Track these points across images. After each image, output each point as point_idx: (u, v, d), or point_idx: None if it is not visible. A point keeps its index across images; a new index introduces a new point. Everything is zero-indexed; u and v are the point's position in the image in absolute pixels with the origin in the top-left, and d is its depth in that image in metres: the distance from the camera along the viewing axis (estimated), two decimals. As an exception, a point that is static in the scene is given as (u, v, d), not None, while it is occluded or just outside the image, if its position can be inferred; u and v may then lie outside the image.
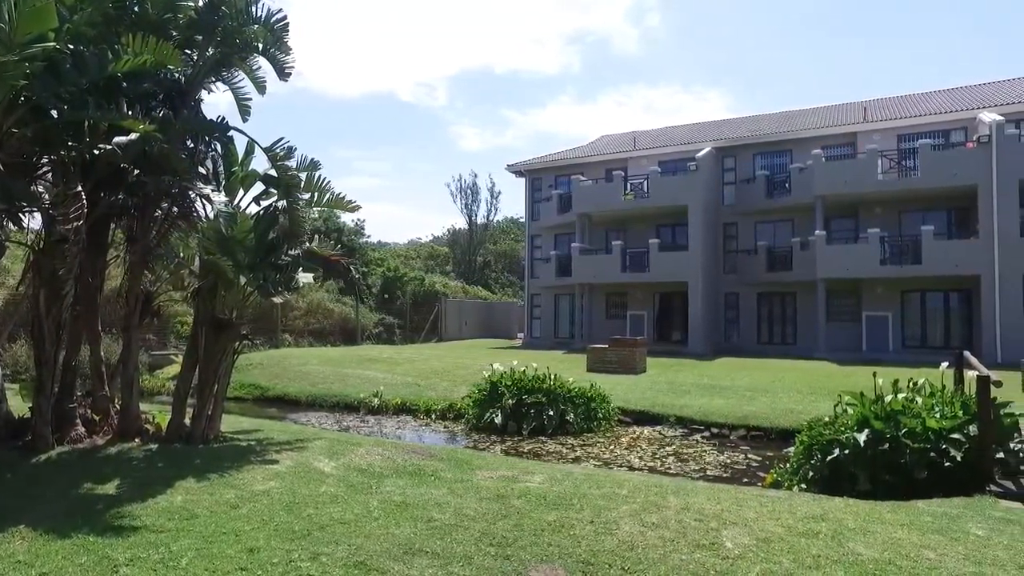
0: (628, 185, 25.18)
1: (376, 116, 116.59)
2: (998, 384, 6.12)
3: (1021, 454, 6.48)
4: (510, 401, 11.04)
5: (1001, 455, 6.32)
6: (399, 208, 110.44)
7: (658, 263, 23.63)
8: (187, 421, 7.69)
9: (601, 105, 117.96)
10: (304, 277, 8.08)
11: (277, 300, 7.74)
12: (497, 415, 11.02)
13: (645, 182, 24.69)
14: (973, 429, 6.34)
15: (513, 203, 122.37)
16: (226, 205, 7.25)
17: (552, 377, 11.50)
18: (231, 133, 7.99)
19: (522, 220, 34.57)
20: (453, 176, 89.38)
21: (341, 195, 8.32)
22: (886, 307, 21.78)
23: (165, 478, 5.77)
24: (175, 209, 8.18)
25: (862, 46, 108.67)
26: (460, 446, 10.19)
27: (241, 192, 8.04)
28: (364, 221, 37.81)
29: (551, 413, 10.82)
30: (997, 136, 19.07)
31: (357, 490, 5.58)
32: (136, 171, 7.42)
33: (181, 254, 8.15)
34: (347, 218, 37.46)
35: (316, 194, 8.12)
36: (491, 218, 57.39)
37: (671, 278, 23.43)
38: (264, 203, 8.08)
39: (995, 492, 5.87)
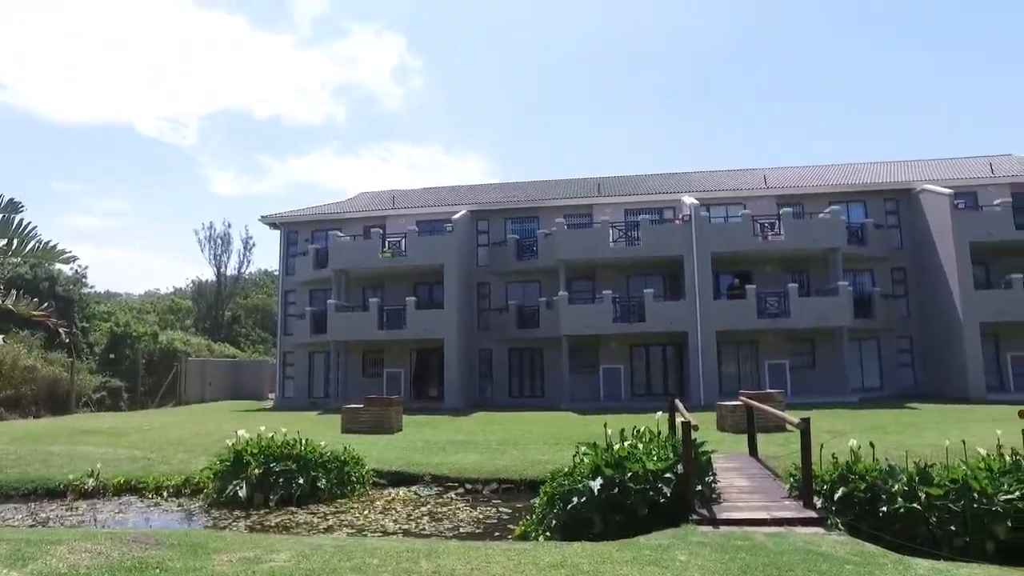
0: (386, 243, 25.43)
1: (110, 149, 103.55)
2: (696, 427, 7.24)
3: (712, 484, 7.74)
4: (256, 471, 10.17)
5: (699, 488, 7.43)
6: (136, 254, 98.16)
7: (415, 320, 23.99)
8: None
9: (364, 159, 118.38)
10: (-8, 340, 6.70)
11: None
12: (241, 487, 10.06)
13: (403, 241, 25.15)
14: (680, 467, 7.36)
15: (268, 255, 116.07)
16: None
17: (303, 441, 10.89)
18: None
19: (277, 272, 32.81)
20: (203, 223, 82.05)
21: (51, 243, 7.10)
22: (619, 360, 24.55)
23: None
24: None
25: (597, 123, 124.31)
26: (197, 526, 9.11)
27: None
28: (87, 268, 32.88)
29: (301, 480, 10.20)
30: (695, 216, 22.99)
31: (54, 598, 4.65)
32: None
33: None
34: (65, 264, 32.32)
35: (16, 241, 6.85)
36: (243, 270, 53.58)
37: (428, 335, 23.91)
38: (-62, 249, 6.60)
39: (695, 520, 6.86)
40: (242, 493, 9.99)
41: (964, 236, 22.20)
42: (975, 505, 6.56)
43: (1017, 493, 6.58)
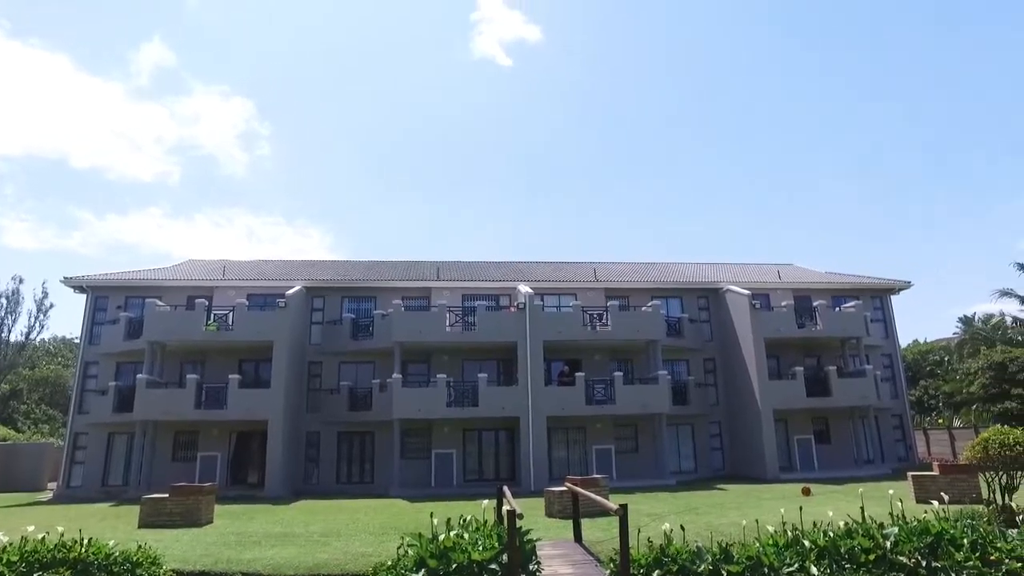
0: (212, 315, 23.70)
1: None
2: (520, 516, 7.31)
3: (537, 573, 7.78)
4: (10, 583, 8.55)
5: (524, 577, 7.43)
6: None
7: (237, 400, 22.28)
8: None
9: (198, 223, 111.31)
10: None
11: None
12: (-19, 608, 8.34)
13: (231, 314, 23.59)
14: (505, 557, 7.34)
15: (70, 320, 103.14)
16: None
17: (86, 541, 9.43)
18: None
19: (78, 341, 29.11)
20: (-17, 279, 71.25)
21: None
22: (451, 445, 24.27)
23: None
24: None
25: (441, 207, 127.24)
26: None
27: None
28: None
29: (76, 590, 8.73)
30: (530, 304, 23.96)
31: None
32: None
33: None
34: None
35: None
36: (33, 336, 46.69)
37: (251, 416, 22.26)
38: None
39: (520, 614, 6.80)
40: (-22, 617, 8.21)
41: (760, 332, 25.16)
42: (766, 580, 7.19)
43: (796, 565, 7.34)
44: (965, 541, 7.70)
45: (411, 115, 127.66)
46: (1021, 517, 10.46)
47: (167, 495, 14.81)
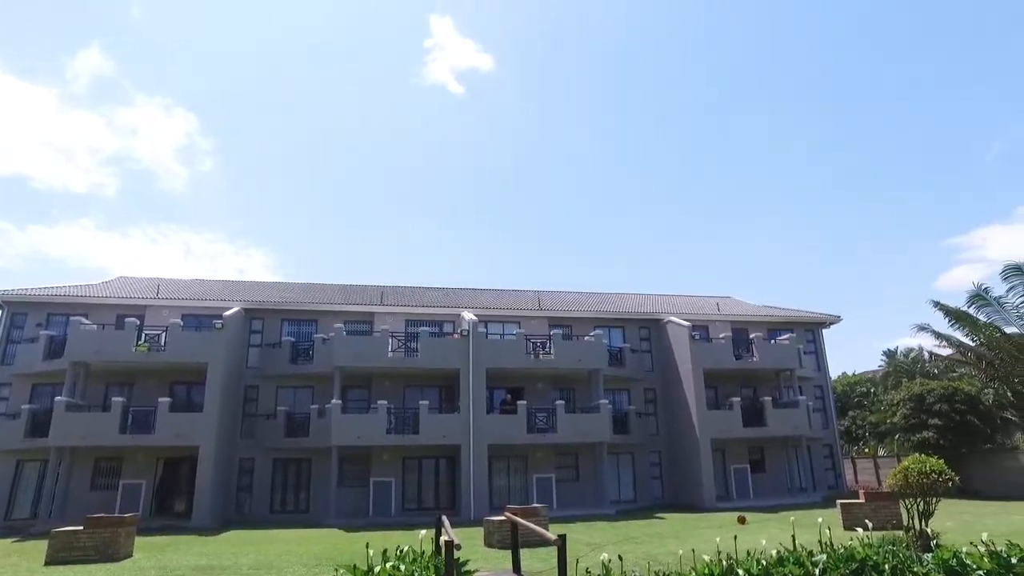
0: (143, 335, 22.69)
1: None
2: (458, 547, 7.19)
3: (475, 607, 7.62)
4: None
5: (462, 610, 7.28)
6: None
7: (167, 424, 21.28)
8: None
9: (132, 239, 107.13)
10: None
11: None
12: None
13: (164, 334, 22.65)
14: (443, 589, 7.19)
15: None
16: None
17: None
18: None
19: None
20: None
21: None
22: (391, 473, 23.77)
23: None
24: None
25: (393, 238, 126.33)
26: None
27: None
28: None
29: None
30: (473, 332, 23.88)
31: None
32: None
33: None
34: None
35: None
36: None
37: (180, 442, 21.29)
38: None
39: (455, 648, 6.65)
40: None
41: (699, 363, 25.73)
42: (701, 611, 7.26)
43: (732, 596, 7.44)
44: (887, 567, 7.98)
45: (360, 138, 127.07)
46: (935, 542, 10.93)
47: (81, 527, 13.94)
